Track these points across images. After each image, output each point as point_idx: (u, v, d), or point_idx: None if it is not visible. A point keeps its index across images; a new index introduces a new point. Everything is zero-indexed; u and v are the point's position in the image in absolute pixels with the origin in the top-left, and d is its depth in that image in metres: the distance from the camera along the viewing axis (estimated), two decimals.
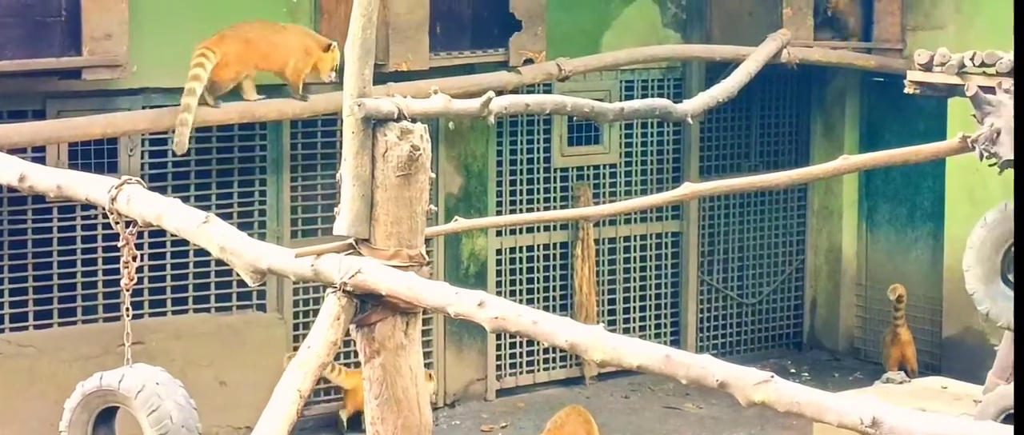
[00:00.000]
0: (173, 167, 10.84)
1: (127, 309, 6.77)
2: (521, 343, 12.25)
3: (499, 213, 11.97)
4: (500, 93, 9.88)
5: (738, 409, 10.71)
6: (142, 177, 9.09)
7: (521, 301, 11.54)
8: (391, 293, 5.97)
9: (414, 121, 6.12)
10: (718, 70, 11.99)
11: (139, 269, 6.78)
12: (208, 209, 7.63)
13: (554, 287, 12.44)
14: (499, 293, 11.74)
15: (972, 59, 8.95)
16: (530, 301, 12.08)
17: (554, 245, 12.43)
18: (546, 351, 12.37)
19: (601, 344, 5.38)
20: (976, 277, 8.79)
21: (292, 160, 11.28)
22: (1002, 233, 8.76)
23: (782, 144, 13.40)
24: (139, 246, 7.34)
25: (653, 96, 12.09)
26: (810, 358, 13.38)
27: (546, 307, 11.99)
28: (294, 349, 9.68)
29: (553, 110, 9.38)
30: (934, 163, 11.67)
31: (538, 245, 12.36)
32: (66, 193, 6.95)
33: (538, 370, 12.46)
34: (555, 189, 12.37)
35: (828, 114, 13.36)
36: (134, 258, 6.68)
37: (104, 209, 6.68)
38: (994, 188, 11.19)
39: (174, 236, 7.02)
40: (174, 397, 6.59)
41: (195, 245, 6.74)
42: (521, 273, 12.31)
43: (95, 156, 10.49)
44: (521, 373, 12.39)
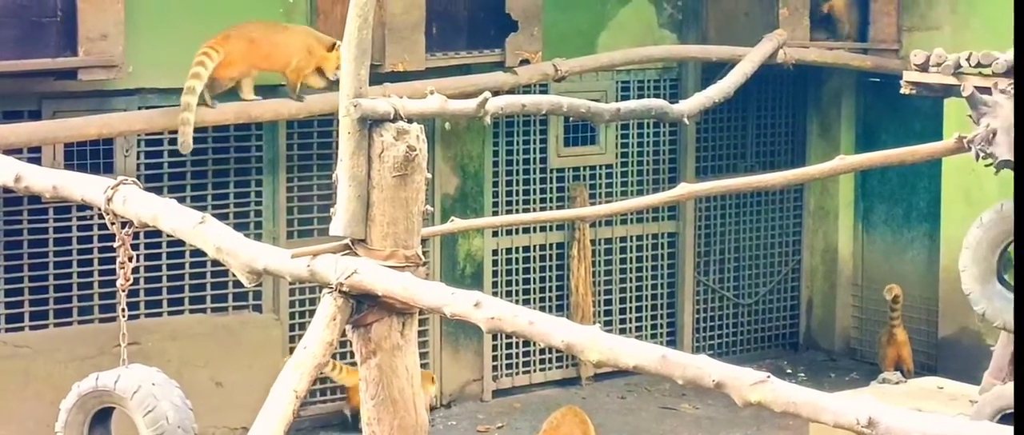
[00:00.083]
0: (169, 167, 10.84)
1: (123, 310, 6.76)
2: (517, 344, 12.25)
3: (495, 213, 11.97)
4: (496, 93, 9.88)
5: (734, 409, 10.75)
6: (138, 178, 9.10)
7: (517, 301, 11.53)
8: (387, 293, 5.97)
9: (410, 121, 6.12)
10: (714, 70, 11.99)
11: (135, 270, 6.77)
12: (204, 210, 7.62)
13: (550, 287, 12.44)
14: (495, 293, 11.73)
15: (968, 59, 8.95)
16: (526, 301, 12.08)
17: (550, 245, 12.43)
18: (542, 352, 12.37)
19: (597, 344, 5.38)
20: (972, 277, 8.78)
21: (288, 160, 11.28)
22: (998, 233, 8.76)
23: (778, 144, 13.40)
24: (135, 247, 7.33)
25: (649, 96, 12.09)
26: (806, 358, 13.38)
27: (542, 307, 11.99)
28: (290, 350, 9.67)
29: (549, 110, 9.38)
30: (930, 163, 11.68)
31: (534, 245, 12.36)
32: (62, 194, 6.95)
33: (534, 371, 12.46)
34: (551, 189, 12.37)
35: (824, 114, 13.36)
36: (130, 259, 6.68)
37: (100, 210, 6.67)
38: (990, 188, 11.20)
39: (170, 237, 7.02)
40: (170, 398, 6.58)
41: (191, 246, 6.73)
42: (517, 273, 12.31)
43: (91, 157, 10.48)
44: (517, 374, 12.39)
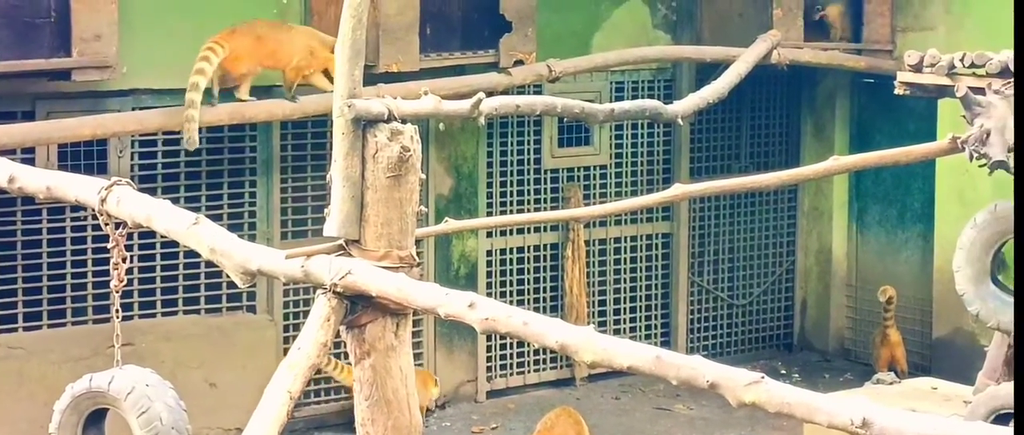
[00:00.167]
0: (163, 168, 10.83)
1: (117, 311, 6.76)
2: (511, 344, 12.25)
3: (489, 214, 11.97)
4: (490, 94, 9.88)
5: (728, 410, 10.76)
6: (132, 178, 9.08)
7: (511, 302, 11.54)
8: (381, 294, 5.97)
9: (404, 122, 6.12)
10: (708, 71, 11.99)
11: (129, 270, 6.76)
12: (198, 210, 7.62)
13: (544, 288, 12.44)
14: (489, 294, 11.73)
15: (962, 60, 8.96)
16: (520, 302, 12.08)
17: (544, 246, 12.43)
18: (536, 352, 12.37)
19: (591, 345, 5.38)
20: (966, 278, 8.79)
21: (282, 161, 11.27)
22: (992, 234, 8.76)
23: (772, 145, 13.41)
24: (129, 247, 7.32)
25: (643, 97, 12.09)
26: (800, 359, 13.39)
27: (536, 308, 11.99)
28: (284, 351, 9.66)
29: (543, 111, 9.38)
30: (924, 164, 11.68)
31: (528, 246, 12.36)
32: (56, 194, 6.94)
33: (528, 371, 12.46)
34: (545, 190, 12.37)
35: (818, 115, 13.37)
36: (124, 259, 6.67)
37: (94, 210, 6.67)
38: (984, 189, 11.21)
39: (164, 237, 7.01)
40: (164, 399, 6.57)
41: (185, 246, 6.73)
42: (511, 274, 12.31)
43: (85, 157, 10.48)
44: (511, 374, 12.38)
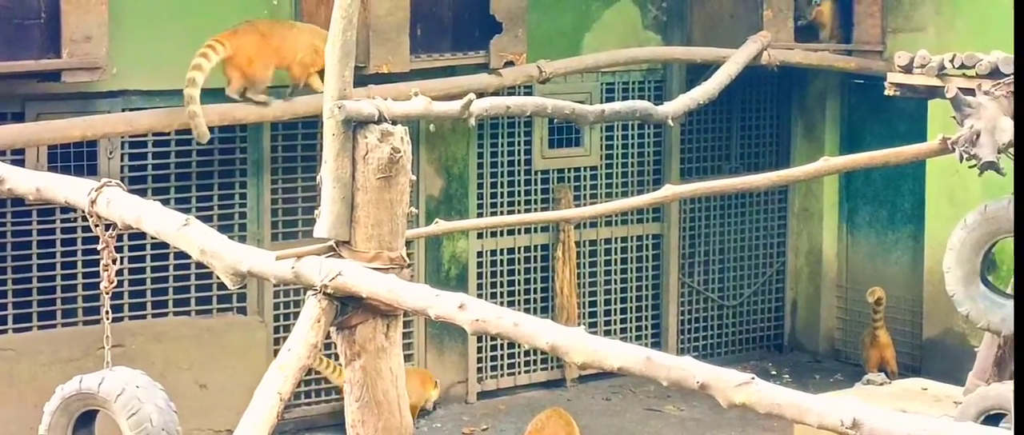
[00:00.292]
0: (153, 170, 10.82)
1: (107, 312, 6.74)
2: (502, 345, 12.25)
3: (480, 215, 11.96)
4: (481, 95, 9.89)
5: (719, 411, 10.77)
6: (122, 180, 9.06)
7: (502, 303, 11.55)
8: (371, 295, 5.96)
9: (395, 123, 6.11)
10: (699, 72, 12.00)
11: (119, 272, 6.74)
12: (188, 212, 7.60)
13: (535, 289, 12.44)
14: (480, 295, 11.73)
15: (952, 61, 8.96)
16: (511, 303, 12.08)
17: (535, 247, 12.43)
18: (527, 353, 12.37)
19: (582, 346, 5.38)
20: (956, 279, 8.79)
21: (272, 163, 11.26)
22: (982, 235, 8.77)
23: (763, 146, 13.42)
24: (119, 249, 7.32)
25: (634, 98, 12.10)
26: (791, 360, 13.40)
27: (527, 309, 11.99)
28: (275, 352, 9.66)
29: (534, 112, 9.39)
30: (914, 165, 11.69)
31: (519, 247, 12.36)
32: (45, 196, 6.93)
33: (519, 372, 12.46)
34: (536, 191, 12.37)
35: (809, 116, 13.38)
36: (114, 261, 6.66)
37: (84, 212, 6.66)
38: (974, 190, 11.22)
39: (154, 239, 7.00)
40: (154, 400, 6.56)
41: (175, 248, 6.72)
42: (502, 275, 12.31)
43: (75, 159, 10.46)
44: (502, 375, 12.38)
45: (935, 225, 11.96)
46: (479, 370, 12.24)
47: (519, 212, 12.16)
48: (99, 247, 6.64)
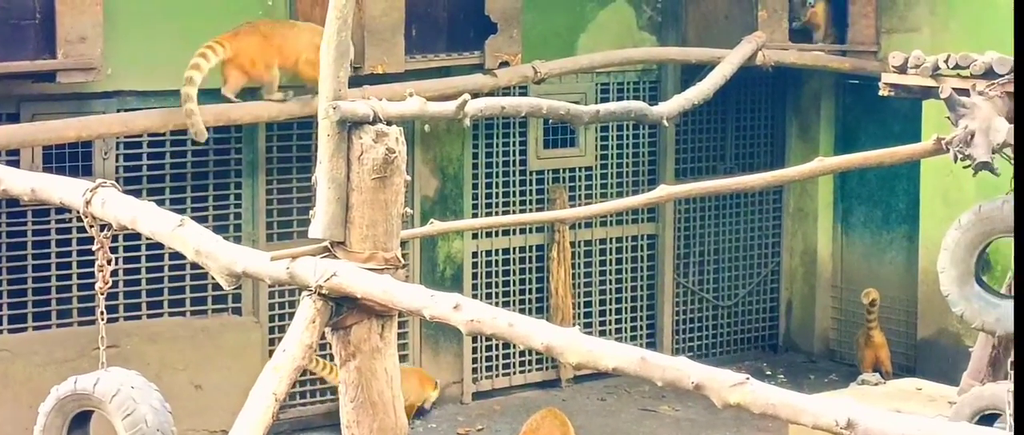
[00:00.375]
0: (148, 170, 10.82)
1: (102, 313, 6.74)
2: (497, 346, 12.25)
3: (475, 216, 11.96)
4: (476, 96, 9.89)
5: (714, 411, 10.77)
6: (117, 180, 9.06)
7: (497, 304, 11.55)
8: (366, 296, 5.96)
9: (389, 124, 6.11)
10: (693, 72, 12.01)
11: (114, 272, 6.75)
12: (183, 212, 7.61)
13: (530, 290, 12.44)
14: (475, 296, 11.73)
15: (946, 61, 8.96)
16: (506, 304, 12.08)
17: (530, 248, 12.43)
18: (522, 354, 12.37)
19: (577, 347, 5.38)
20: (950, 279, 8.79)
21: (267, 163, 11.26)
22: (976, 235, 8.76)
23: (757, 146, 13.42)
24: (114, 249, 7.32)
25: (629, 98, 12.11)
26: (786, 360, 13.40)
27: (522, 310, 11.99)
28: (270, 353, 9.66)
29: (529, 112, 9.38)
30: (909, 165, 11.70)
31: (514, 248, 12.36)
32: (40, 196, 6.92)
33: (514, 373, 12.46)
34: (531, 192, 12.37)
35: (803, 116, 13.38)
36: (109, 261, 6.66)
37: (78, 212, 6.66)
38: (968, 190, 11.23)
39: (149, 239, 7.00)
40: (149, 401, 6.56)
41: (170, 248, 6.72)
42: (497, 276, 12.30)
43: (69, 159, 10.46)
44: (497, 376, 12.38)
45: (929, 225, 11.96)
46: (474, 370, 12.23)
47: (514, 212, 12.16)
48: (94, 248, 6.64)
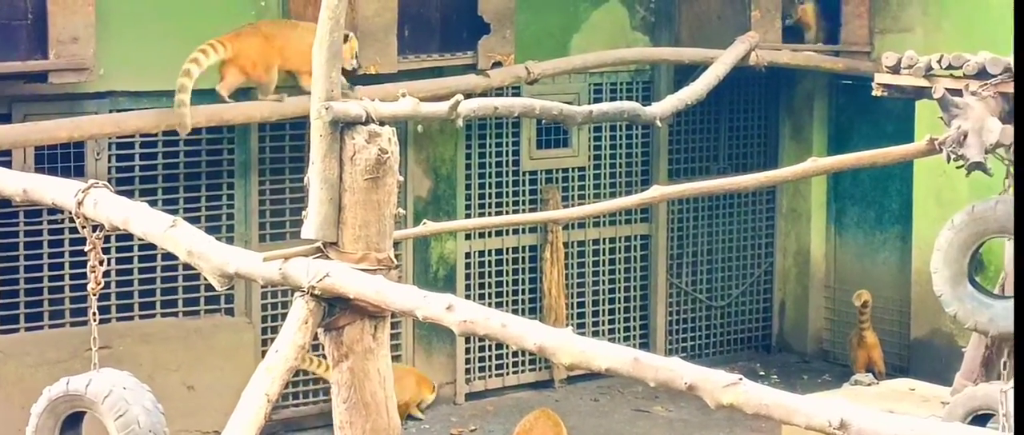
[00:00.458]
0: (140, 171, 10.81)
1: (94, 313, 6.73)
2: (490, 346, 12.24)
3: (468, 216, 11.96)
4: (469, 96, 9.88)
5: (707, 412, 10.77)
6: (109, 181, 9.04)
7: (490, 304, 11.55)
8: (359, 297, 5.96)
9: (382, 124, 6.11)
10: (686, 73, 12.01)
11: (106, 273, 6.73)
12: (176, 213, 7.60)
13: (523, 290, 12.44)
14: (468, 296, 11.73)
15: (939, 62, 8.96)
16: (499, 304, 12.08)
17: (523, 248, 12.42)
18: (515, 354, 12.36)
19: (570, 347, 5.37)
20: (944, 279, 8.78)
21: (260, 164, 11.25)
22: (969, 235, 8.76)
23: (750, 146, 13.43)
24: (106, 250, 7.31)
25: (622, 99, 12.11)
26: (779, 360, 13.41)
27: (515, 310, 11.99)
28: (262, 353, 9.65)
29: (522, 113, 9.37)
30: (902, 165, 11.71)
31: (507, 248, 12.36)
32: (32, 197, 6.91)
33: (507, 373, 12.46)
34: (524, 192, 12.37)
35: (796, 116, 13.39)
36: (101, 262, 6.64)
37: (71, 213, 6.65)
38: (961, 190, 11.24)
39: (141, 240, 6.99)
40: (141, 402, 6.55)
41: (162, 249, 6.71)
42: (490, 276, 12.30)
43: (62, 160, 10.45)
44: (490, 376, 12.38)
45: (922, 225, 11.97)
46: (467, 371, 12.23)
47: (507, 213, 12.16)
48: (86, 248, 6.63)
